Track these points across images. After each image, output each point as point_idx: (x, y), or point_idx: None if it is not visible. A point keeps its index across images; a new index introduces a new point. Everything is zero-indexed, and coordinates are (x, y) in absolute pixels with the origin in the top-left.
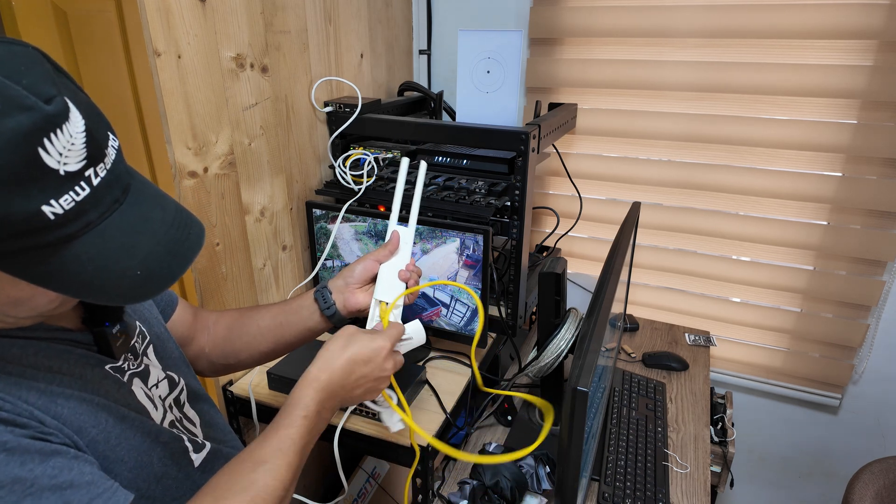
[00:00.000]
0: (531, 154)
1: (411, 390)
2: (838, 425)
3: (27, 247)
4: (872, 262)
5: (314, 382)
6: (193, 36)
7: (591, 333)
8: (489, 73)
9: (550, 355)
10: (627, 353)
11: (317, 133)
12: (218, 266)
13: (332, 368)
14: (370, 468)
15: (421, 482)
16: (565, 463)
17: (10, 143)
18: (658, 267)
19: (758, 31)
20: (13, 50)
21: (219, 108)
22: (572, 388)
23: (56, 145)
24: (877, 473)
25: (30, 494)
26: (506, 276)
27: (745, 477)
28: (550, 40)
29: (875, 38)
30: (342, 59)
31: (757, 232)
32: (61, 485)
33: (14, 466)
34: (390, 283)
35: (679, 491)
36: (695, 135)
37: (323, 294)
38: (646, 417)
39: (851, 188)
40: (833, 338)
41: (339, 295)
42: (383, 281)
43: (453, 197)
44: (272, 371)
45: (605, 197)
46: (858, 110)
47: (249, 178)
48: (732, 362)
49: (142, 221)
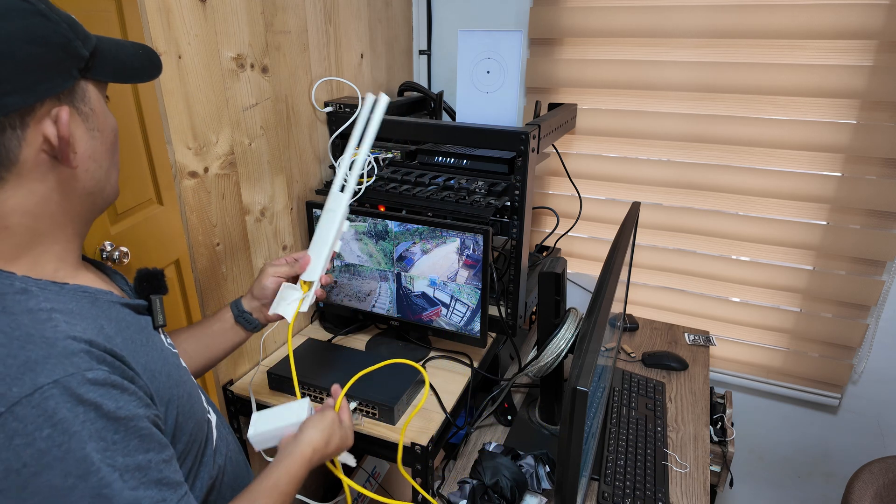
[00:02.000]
0: (531, 154)
1: (411, 390)
2: (838, 425)
3: (93, 46)
4: (872, 261)
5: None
6: (194, 36)
7: (591, 333)
8: (489, 73)
9: (550, 355)
10: (627, 352)
11: (317, 133)
12: (218, 266)
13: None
14: (370, 468)
15: (421, 482)
16: (565, 462)
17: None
18: (658, 267)
19: (757, 32)
20: None
21: (219, 108)
22: (572, 387)
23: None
24: (876, 473)
25: (143, 484)
26: (506, 276)
27: (745, 476)
28: (550, 40)
29: (874, 38)
30: (342, 60)
31: (756, 232)
32: (164, 480)
33: (140, 453)
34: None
35: (678, 490)
36: (694, 135)
37: (246, 318)
38: (645, 417)
39: (851, 188)
40: (832, 337)
41: (259, 313)
42: (282, 295)
43: (453, 197)
44: (272, 371)
45: (605, 197)
46: (858, 110)
47: (250, 178)
48: (732, 362)
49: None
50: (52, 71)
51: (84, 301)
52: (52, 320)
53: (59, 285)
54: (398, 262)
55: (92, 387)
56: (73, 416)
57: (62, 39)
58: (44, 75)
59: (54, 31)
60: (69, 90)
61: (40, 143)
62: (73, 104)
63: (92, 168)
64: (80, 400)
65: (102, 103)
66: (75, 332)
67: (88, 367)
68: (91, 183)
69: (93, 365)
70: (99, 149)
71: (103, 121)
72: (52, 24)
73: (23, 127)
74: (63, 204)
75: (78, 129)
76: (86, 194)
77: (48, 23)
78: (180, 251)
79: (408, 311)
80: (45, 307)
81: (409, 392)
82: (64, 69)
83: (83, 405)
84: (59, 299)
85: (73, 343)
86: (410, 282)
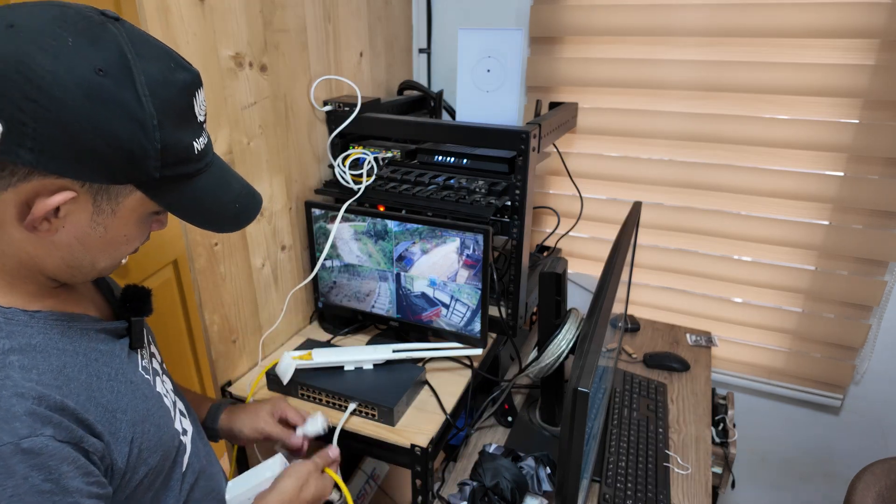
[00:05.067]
0: (531, 153)
1: (411, 391)
2: (840, 426)
3: (178, 174)
4: (874, 262)
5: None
6: (192, 35)
7: (592, 334)
8: (489, 71)
9: (551, 356)
10: (628, 353)
11: (316, 132)
12: (216, 266)
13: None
14: (369, 469)
15: (421, 483)
16: (566, 464)
17: (182, 92)
18: (659, 267)
19: (759, 30)
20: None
21: (217, 107)
22: (573, 388)
23: (198, 100)
24: (879, 474)
25: None
26: (506, 276)
27: (747, 478)
28: (551, 39)
29: (877, 37)
30: (341, 58)
31: (758, 232)
32: None
33: None
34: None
35: (680, 492)
36: (696, 134)
37: (210, 428)
38: (647, 418)
39: (853, 188)
40: (835, 338)
41: (223, 431)
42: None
43: (453, 196)
44: (272, 372)
45: (606, 196)
46: (860, 109)
47: (248, 177)
48: (734, 363)
49: (228, 171)
50: (98, 164)
51: (54, 332)
52: (4, 368)
53: (28, 314)
54: (398, 262)
55: (24, 457)
56: (1, 488)
57: (139, 152)
58: (88, 164)
59: (137, 143)
60: (103, 186)
61: (26, 198)
62: (93, 196)
63: (76, 250)
64: (10, 472)
65: (135, 217)
66: (24, 386)
67: (28, 432)
68: (69, 258)
69: (34, 429)
70: (94, 241)
71: (118, 228)
72: (140, 135)
73: (24, 177)
74: (36, 258)
75: (81, 213)
76: (62, 263)
77: (138, 132)
78: (178, 251)
79: (408, 312)
80: (3, 347)
81: (409, 393)
82: (113, 171)
83: (12, 478)
84: (25, 332)
85: (17, 403)
86: (410, 282)
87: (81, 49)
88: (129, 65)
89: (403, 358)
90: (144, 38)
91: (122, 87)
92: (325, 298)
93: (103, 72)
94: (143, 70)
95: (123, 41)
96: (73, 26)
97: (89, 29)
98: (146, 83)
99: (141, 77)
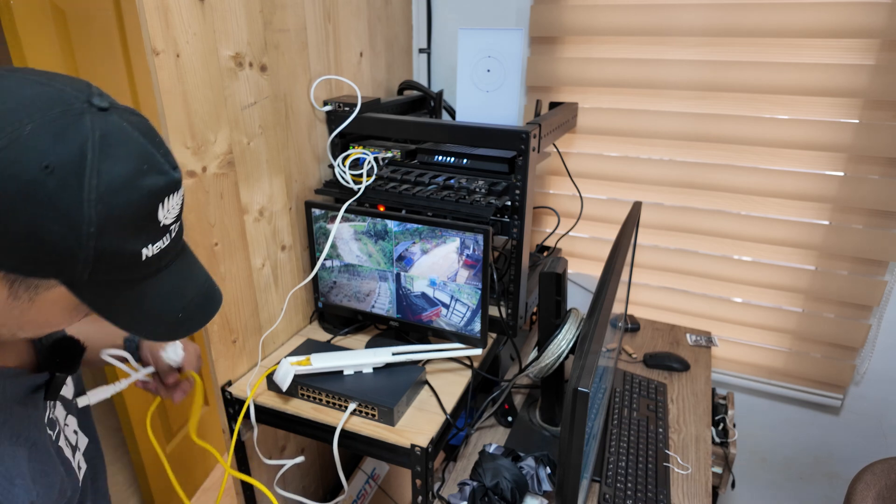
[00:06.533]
0: (532, 153)
1: (411, 391)
2: (840, 426)
3: (117, 280)
4: (874, 261)
5: None
6: (192, 35)
7: (592, 334)
8: (489, 71)
9: (551, 356)
10: (628, 353)
11: (316, 132)
12: (216, 266)
13: None
14: (370, 469)
15: (421, 483)
16: (566, 464)
17: (144, 198)
18: (659, 267)
19: (759, 30)
20: (145, 121)
21: (217, 107)
22: (573, 388)
23: (167, 204)
24: (879, 474)
25: None
26: (506, 276)
27: (747, 478)
28: (551, 39)
29: (877, 36)
30: (341, 58)
31: (758, 232)
32: None
33: None
34: None
35: (680, 492)
36: (696, 134)
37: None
38: (647, 418)
39: (853, 188)
40: (835, 338)
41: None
42: None
43: (453, 196)
44: (271, 378)
45: (606, 196)
46: (860, 109)
47: (248, 177)
48: (734, 363)
49: (189, 272)
50: (20, 257)
51: None
52: None
53: None
54: (398, 261)
55: None
56: None
57: (67, 255)
58: (9, 255)
59: (66, 247)
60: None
61: None
62: (10, 283)
63: None
64: None
65: (57, 308)
66: None
67: None
68: None
69: None
70: (12, 320)
71: (35, 315)
72: (71, 239)
73: None
74: None
75: None
76: None
77: (69, 236)
78: None
79: (407, 312)
80: None
81: (409, 393)
82: (36, 266)
83: None
84: None
85: None
86: (410, 282)
87: (37, 140)
88: (83, 165)
89: (403, 361)
90: (125, 134)
91: (64, 188)
92: (325, 298)
93: (49, 168)
94: (103, 171)
95: (91, 138)
96: (43, 113)
97: (60, 119)
98: (98, 186)
99: (93, 180)
